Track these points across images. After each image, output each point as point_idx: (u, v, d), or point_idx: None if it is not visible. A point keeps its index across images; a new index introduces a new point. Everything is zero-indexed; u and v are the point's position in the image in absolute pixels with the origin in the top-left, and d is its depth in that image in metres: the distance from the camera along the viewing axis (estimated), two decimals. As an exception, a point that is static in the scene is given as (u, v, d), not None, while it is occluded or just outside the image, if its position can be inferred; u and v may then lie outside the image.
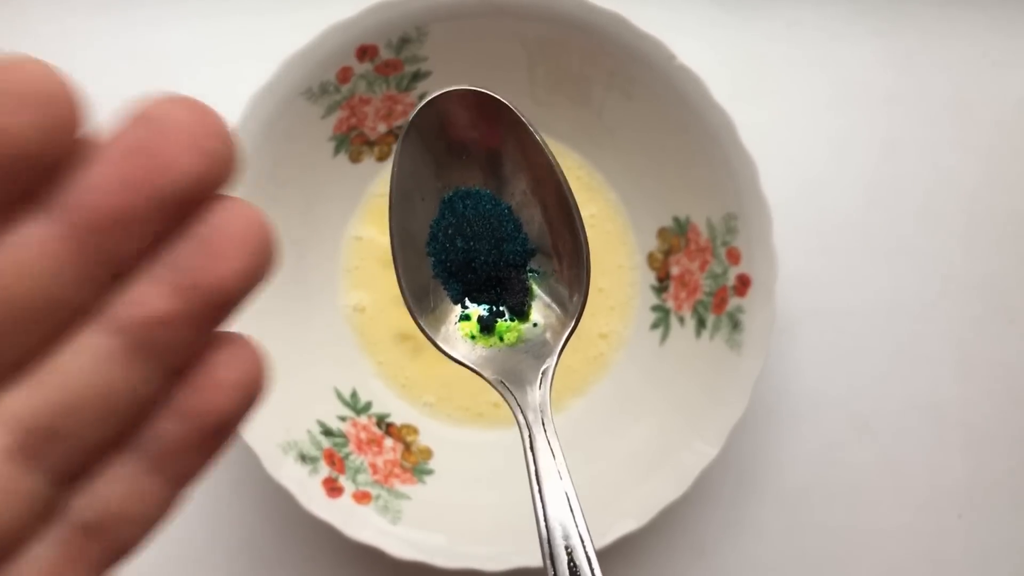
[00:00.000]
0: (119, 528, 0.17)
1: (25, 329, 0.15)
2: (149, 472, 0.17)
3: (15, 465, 0.15)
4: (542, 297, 0.20)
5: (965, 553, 0.42)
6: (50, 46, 0.43)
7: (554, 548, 0.17)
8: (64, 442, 0.16)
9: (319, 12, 0.37)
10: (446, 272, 0.20)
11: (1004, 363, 0.43)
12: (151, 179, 0.14)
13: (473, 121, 0.19)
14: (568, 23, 0.37)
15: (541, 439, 0.18)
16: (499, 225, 0.19)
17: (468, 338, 0.20)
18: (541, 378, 0.19)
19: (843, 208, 0.44)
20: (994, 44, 0.45)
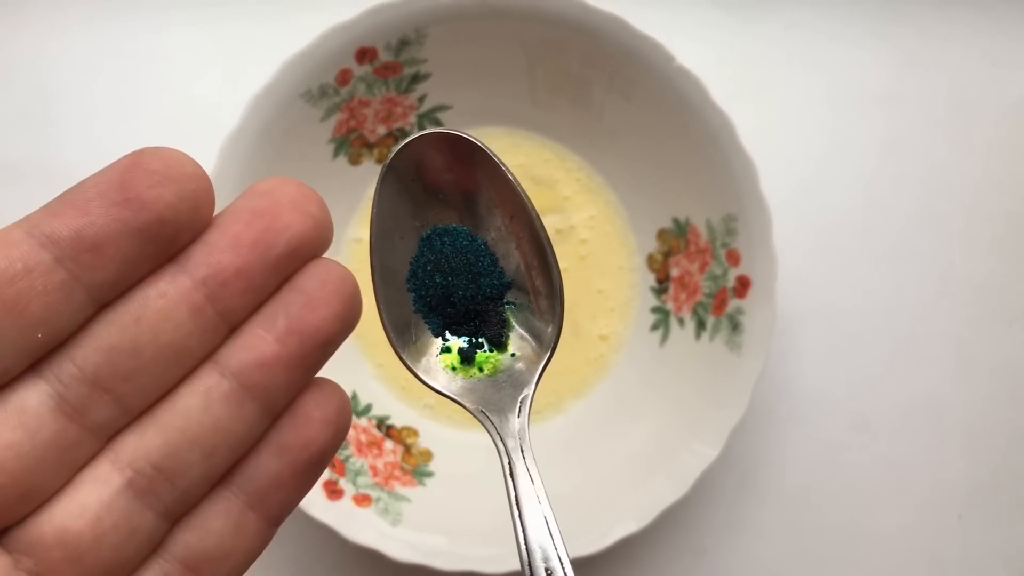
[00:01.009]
0: (217, 564, 0.18)
1: (151, 376, 0.17)
2: (248, 508, 0.18)
3: (131, 502, 0.17)
4: (519, 328, 0.21)
5: (965, 553, 0.42)
6: (51, 49, 0.43)
7: (535, 570, 0.18)
8: (175, 480, 0.17)
9: (319, 15, 0.37)
10: (426, 307, 0.20)
11: (1004, 363, 0.43)
12: (269, 240, 0.17)
13: (448, 162, 0.20)
14: (568, 25, 0.37)
15: (520, 465, 0.19)
16: (476, 260, 0.20)
17: (449, 369, 0.21)
18: (520, 406, 0.20)
19: (843, 209, 0.44)
20: (993, 45, 0.45)
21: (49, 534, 0.16)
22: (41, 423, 0.16)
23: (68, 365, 0.16)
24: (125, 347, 0.16)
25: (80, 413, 0.16)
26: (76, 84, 0.43)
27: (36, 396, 0.16)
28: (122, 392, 0.17)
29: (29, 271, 0.16)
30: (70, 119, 0.43)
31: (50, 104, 0.43)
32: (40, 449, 0.16)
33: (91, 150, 0.43)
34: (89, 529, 0.16)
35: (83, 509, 0.17)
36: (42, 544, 0.16)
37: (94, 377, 0.16)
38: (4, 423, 0.16)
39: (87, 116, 0.43)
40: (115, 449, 0.17)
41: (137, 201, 0.16)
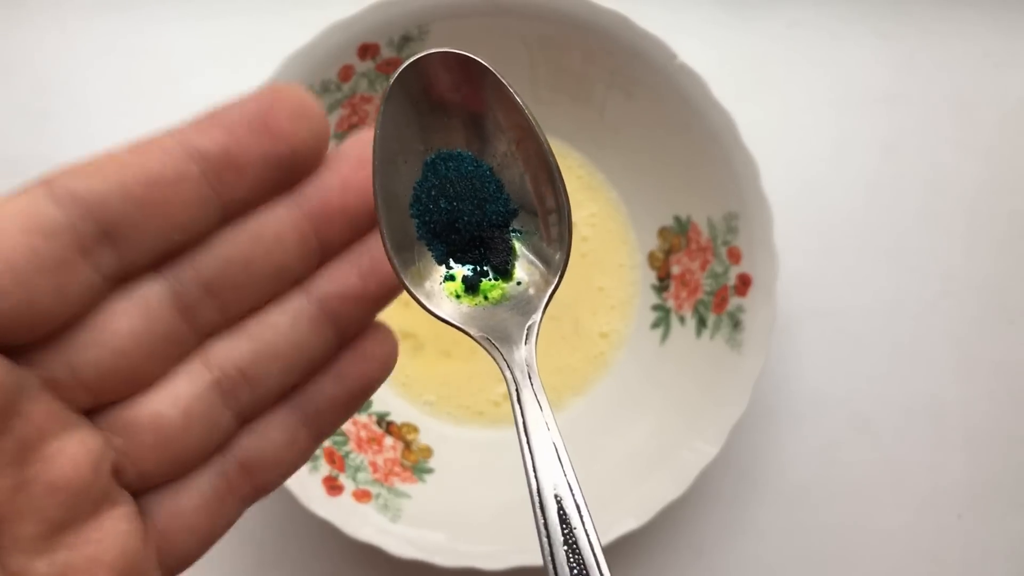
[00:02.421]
0: (269, 470, 0.20)
1: (255, 288, 0.19)
2: (302, 424, 0.20)
3: (216, 399, 0.19)
4: (525, 255, 0.20)
5: (965, 553, 0.42)
6: (51, 45, 0.43)
7: (543, 498, 0.18)
8: (254, 386, 0.19)
9: (321, 11, 0.37)
10: (430, 233, 0.20)
11: (1004, 363, 0.43)
12: (369, 186, 0.18)
13: (455, 84, 0.19)
14: (570, 22, 0.37)
15: (528, 392, 0.19)
16: (481, 186, 0.20)
17: (453, 297, 0.20)
18: (527, 334, 0.19)
19: (844, 208, 0.44)
20: (994, 45, 0.45)
21: (144, 417, 0.18)
22: (157, 315, 0.18)
23: (189, 268, 0.18)
24: (239, 259, 0.18)
25: (191, 312, 0.18)
26: (75, 79, 0.43)
27: (157, 290, 0.18)
28: (227, 299, 0.18)
29: (179, 180, 0.17)
30: (69, 114, 0.43)
31: (49, 99, 0.43)
32: (154, 339, 0.18)
33: (90, 146, 0.43)
34: (179, 417, 0.18)
35: (176, 399, 0.18)
36: (136, 426, 0.18)
37: (208, 282, 0.18)
38: (128, 311, 0.17)
39: (86, 111, 0.43)
40: (208, 350, 0.19)
41: (278, 131, 0.17)
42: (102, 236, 0.16)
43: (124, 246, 0.17)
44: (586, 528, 0.17)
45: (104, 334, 0.17)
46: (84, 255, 0.16)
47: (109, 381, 0.17)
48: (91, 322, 0.17)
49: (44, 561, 0.17)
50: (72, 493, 0.17)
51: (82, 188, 0.16)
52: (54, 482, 0.17)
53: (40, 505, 0.16)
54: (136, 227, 0.17)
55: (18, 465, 0.16)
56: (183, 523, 0.19)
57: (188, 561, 0.19)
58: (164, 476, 0.19)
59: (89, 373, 0.17)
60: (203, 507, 0.19)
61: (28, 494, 0.16)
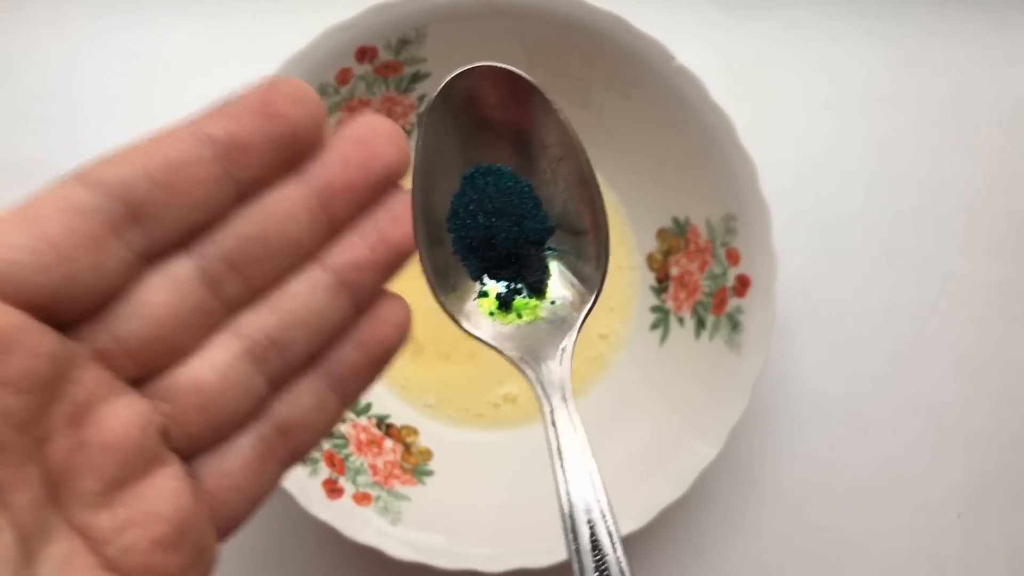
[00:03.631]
0: (303, 433, 0.21)
1: (273, 262, 0.20)
2: (330, 389, 0.21)
3: (248, 364, 0.20)
4: (560, 275, 0.20)
5: (965, 553, 0.42)
6: (49, 48, 0.43)
7: (576, 523, 0.18)
8: (282, 352, 0.20)
9: (318, 14, 0.37)
10: (466, 248, 0.20)
11: (1004, 363, 0.43)
12: (370, 163, 0.20)
13: (499, 98, 0.19)
14: (567, 24, 0.37)
15: (562, 413, 0.18)
16: (520, 202, 0.20)
17: (487, 314, 0.20)
18: (561, 354, 0.19)
19: (843, 208, 0.44)
20: (994, 45, 0.45)
21: (184, 383, 0.20)
22: (188, 289, 0.19)
23: (211, 246, 0.19)
24: (256, 235, 0.20)
25: (217, 285, 0.20)
26: (74, 82, 0.43)
27: (185, 267, 0.19)
28: (249, 273, 0.20)
29: (194, 162, 0.19)
30: (67, 118, 0.43)
31: (47, 103, 0.43)
32: (187, 311, 0.19)
33: (88, 149, 0.43)
34: (217, 381, 0.20)
35: (213, 365, 0.20)
36: (178, 391, 0.19)
37: (230, 257, 0.20)
38: (160, 286, 0.19)
39: (84, 115, 0.43)
40: (237, 321, 0.20)
41: (278, 115, 0.19)
42: (130, 216, 0.18)
43: (151, 225, 0.19)
44: (618, 556, 0.17)
45: (141, 307, 0.19)
46: (116, 234, 0.18)
47: (150, 350, 0.19)
48: (129, 296, 0.19)
49: (106, 515, 0.18)
50: (124, 452, 0.19)
51: (110, 174, 0.18)
52: (108, 442, 0.18)
53: (97, 463, 0.18)
54: (160, 207, 0.18)
55: (74, 427, 0.18)
56: (229, 483, 0.21)
57: (237, 521, 0.21)
58: (208, 439, 0.20)
59: (132, 343, 0.19)
60: (246, 468, 0.21)
61: (86, 453, 0.18)
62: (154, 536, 0.19)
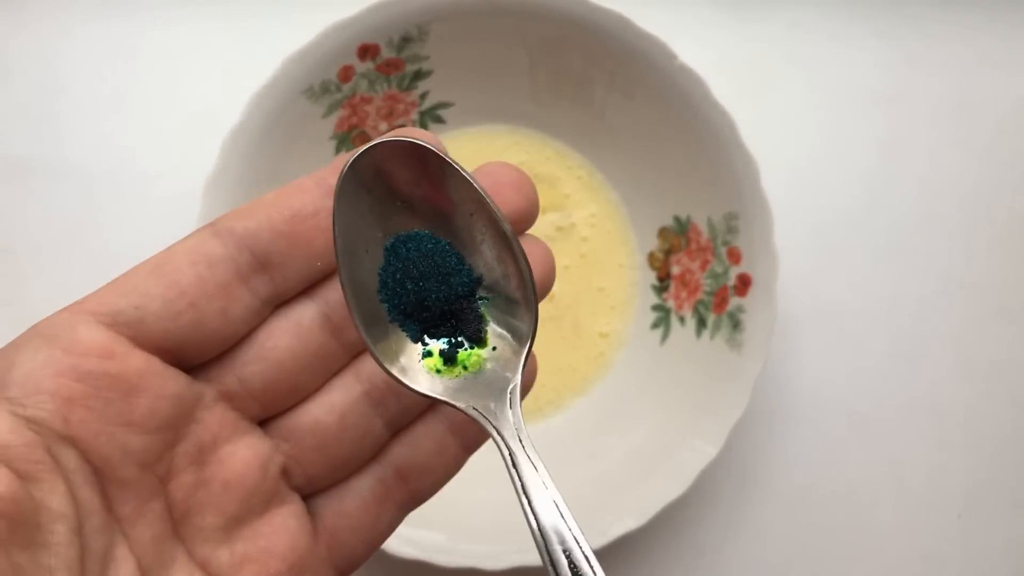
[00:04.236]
0: (422, 478, 0.22)
1: None
2: (450, 433, 0.22)
3: (367, 407, 0.21)
4: (497, 320, 0.21)
5: (965, 553, 0.42)
6: (53, 46, 0.43)
7: (552, 554, 0.18)
8: (401, 396, 0.21)
9: (321, 12, 0.37)
10: (401, 315, 0.21)
11: (1004, 363, 0.43)
12: None
13: (403, 169, 0.20)
14: (570, 23, 0.37)
15: (521, 455, 0.19)
16: (443, 261, 0.20)
17: (434, 372, 0.20)
18: (510, 397, 0.20)
19: (843, 207, 0.44)
20: (994, 45, 0.45)
21: (305, 424, 0.20)
22: (310, 334, 0.20)
23: (334, 292, 0.20)
24: None
25: (338, 331, 0.20)
26: (78, 80, 0.43)
27: (309, 313, 0.20)
28: None
29: (317, 213, 0.20)
30: (72, 115, 0.43)
31: (52, 100, 0.43)
32: (309, 355, 0.20)
33: (93, 146, 0.43)
34: (336, 423, 0.20)
35: (332, 408, 0.20)
36: (299, 432, 0.20)
37: None
38: (285, 331, 0.20)
39: (89, 112, 0.43)
40: (357, 366, 0.21)
41: None
42: (257, 265, 0.19)
43: (276, 273, 0.20)
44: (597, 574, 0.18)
45: (266, 350, 0.20)
46: (243, 281, 0.19)
47: (273, 392, 0.20)
48: (254, 340, 0.20)
49: (225, 550, 0.19)
50: (245, 490, 0.19)
51: (239, 226, 0.19)
52: (229, 480, 0.19)
53: (218, 500, 0.19)
54: (284, 256, 0.19)
55: (198, 465, 0.19)
56: (348, 524, 0.21)
57: (355, 562, 0.21)
58: (328, 479, 0.21)
59: (256, 385, 0.20)
60: (365, 510, 0.21)
61: (207, 490, 0.19)
62: (270, 573, 0.19)
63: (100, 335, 0.18)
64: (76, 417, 0.17)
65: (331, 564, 0.21)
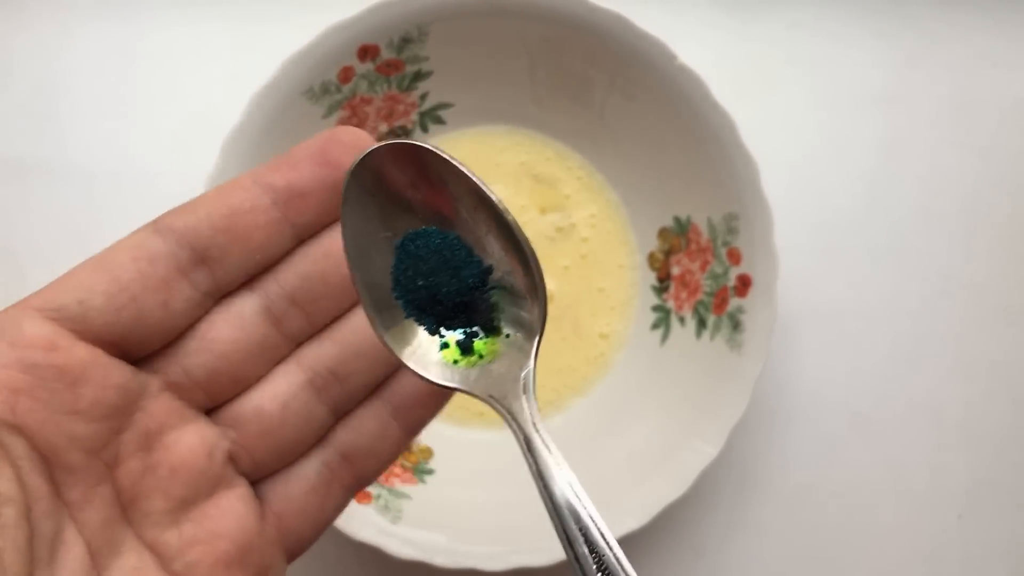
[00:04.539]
0: (367, 461, 0.23)
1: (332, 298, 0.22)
2: (393, 417, 0.22)
3: (309, 395, 0.21)
4: (509, 310, 0.21)
5: (965, 553, 0.42)
6: (53, 46, 0.43)
7: (570, 534, 0.19)
8: (343, 383, 0.22)
9: (321, 13, 0.37)
10: (417, 310, 0.21)
11: (1004, 363, 0.43)
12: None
13: (403, 171, 0.20)
14: (570, 23, 0.37)
15: (536, 439, 0.20)
16: (452, 255, 0.21)
17: (452, 363, 0.21)
18: (524, 384, 0.21)
19: (843, 208, 0.44)
20: (994, 45, 0.45)
21: (249, 411, 0.21)
22: (252, 325, 0.21)
23: (274, 284, 0.21)
24: (315, 274, 0.21)
25: (279, 321, 0.21)
26: (78, 81, 0.43)
27: (250, 304, 0.21)
28: (310, 309, 0.21)
29: (254, 209, 0.20)
30: (72, 116, 0.43)
31: (52, 101, 0.43)
32: (249, 344, 0.21)
33: (93, 147, 0.43)
34: (279, 410, 0.21)
35: (275, 395, 0.21)
36: (243, 419, 0.21)
37: (292, 295, 0.21)
38: (226, 322, 0.21)
39: (89, 113, 0.43)
40: (300, 354, 0.22)
41: (334, 163, 0.21)
42: (197, 259, 0.20)
43: (216, 267, 0.20)
44: (615, 554, 0.19)
45: (208, 342, 0.21)
46: (183, 276, 0.20)
47: (218, 381, 0.21)
48: (197, 332, 0.21)
49: (173, 533, 0.20)
50: (191, 475, 0.20)
51: (178, 223, 0.20)
52: (175, 465, 0.20)
53: (165, 485, 0.20)
54: (223, 250, 0.20)
55: (144, 451, 0.20)
56: (295, 507, 0.22)
57: (304, 543, 0.22)
58: (274, 464, 0.22)
59: (200, 375, 0.20)
60: (311, 492, 0.22)
61: (155, 475, 0.20)
62: (218, 554, 0.20)
63: (45, 329, 0.19)
64: (22, 407, 0.18)
65: (280, 545, 0.22)
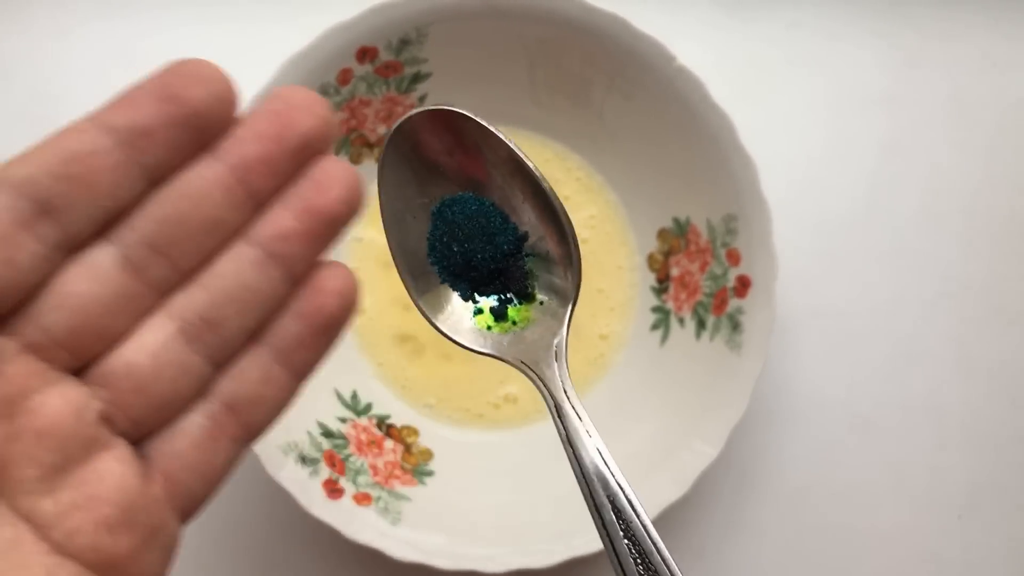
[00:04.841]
0: (254, 409, 0.22)
1: (195, 242, 0.20)
2: (276, 363, 0.21)
3: (181, 345, 0.20)
4: (543, 276, 0.21)
5: (965, 553, 0.42)
6: (51, 50, 0.43)
7: (597, 500, 0.19)
8: (217, 330, 0.21)
9: (320, 15, 0.37)
10: (452, 276, 0.21)
11: (1004, 363, 0.43)
12: (286, 134, 0.20)
13: (441, 137, 0.20)
14: (568, 25, 0.37)
15: (566, 405, 0.20)
16: (488, 222, 0.21)
17: (485, 329, 0.21)
18: (556, 351, 0.20)
19: (843, 209, 0.44)
20: (994, 45, 0.45)
21: (119, 368, 0.20)
22: (110, 276, 0.20)
23: (129, 232, 0.20)
24: (173, 218, 0.20)
25: (140, 271, 0.20)
26: (76, 84, 0.43)
27: (105, 255, 0.20)
28: (173, 255, 0.20)
29: (95, 152, 0.19)
30: (68, 119, 0.43)
31: (51, 104, 0.43)
32: (111, 297, 0.20)
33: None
34: (150, 363, 0.20)
35: (144, 348, 0.20)
36: (113, 376, 0.20)
37: (151, 242, 0.20)
38: (81, 276, 0.19)
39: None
40: (167, 304, 0.20)
41: (178, 97, 0.19)
42: (39, 211, 0.19)
43: (61, 217, 0.19)
44: (642, 521, 0.19)
45: (64, 297, 0.19)
46: (26, 229, 0.19)
47: (79, 339, 0.20)
48: (51, 289, 0.19)
49: (48, 500, 0.19)
50: (60, 438, 0.19)
51: (14, 174, 0.19)
52: (42, 429, 0.19)
53: (33, 451, 0.19)
54: (67, 199, 0.19)
55: (7, 418, 0.19)
56: (182, 463, 0.21)
57: (197, 501, 0.21)
58: (153, 421, 0.21)
59: (60, 333, 0.19)
60: (198, 447, 0.21)
61: (21, 442, 0.19)
62: (98, 518, 0.19)
63: None
64: None
65: (170, 504, 0.21)
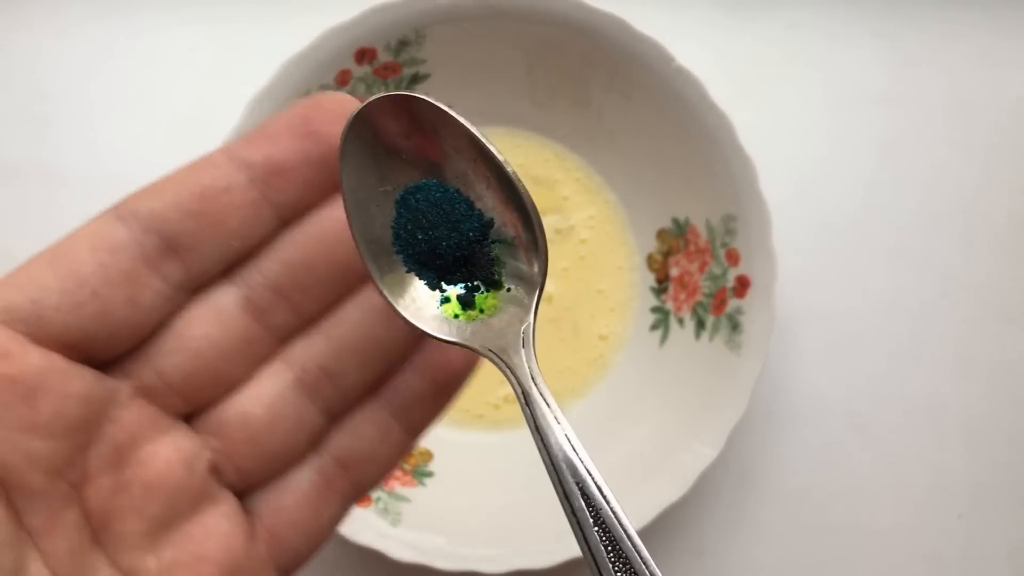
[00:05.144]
0: (365, 466, 0.20)
1: (321, 287, 0.19)
2: (393, 419, 0.20)
3: (298, 396, 0.19)
4: (509, 264, 0.21)
5: (965, 553, 0.42)
6: (50, 49, 0.43)
7: (566, 487, 0.19)
8: (336, 381, 0.20)
9: (318, 16, 0.37)
10: (417, 264, 0.21)
11: (1004, 363, 0.43)
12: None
13: (401, 123, 0.20)
14: (567, 25, 0.37)
15: (533, 392, 0.19)
16: (452, 209, 0.21)
17: (452, 318, 0.21)
18: (523, 338, 0.20)
19: (842, 209, 0.44)
20: (993, 45, 0.45)
21: (233, 417, 0.19)
22: (232, 320, 0.19)
23: (255, 273, 0.19)
24: (303, 261, 0.19)
25: (263, 315, 0.19)
26: (75, 84, 0.43)
27: (229, 297, 0.19)
28: (297, 300, 0.19)
29: (228, 189, 0.18)
30: (68, 119, 0.43)
31: (48, 104, 0.43)
32: (230, 342, 0.19)
33: (89, 151, 0.43)
34: (266, 415, 0.19)
35: (261, 398, 0.19)
36: (227, 426, 0.19)
37: (276, 285, 0.19)
38: (202, 318, 0.19)
39: (85, 116, 0.43)
40: (287, 351, 0.20)
41: (317, 135, 0.18)
42: (166, 249, 0.18)
43: (188, 256, 0.18)
44: (611, 507, 0.18)
45: (183, 340, 0.18)
46: (151, 267, 0.18)
47: (196, 384, 0.19)
48: (170, 330, 0.18)
49: (152, 557, 0.18)
50: (169, 491, 0.18)
51: (143, 207, 0.18)
52: (150, 481, 0.18)
53: (140, 504, 0.18)
54: (196, 237, 0.18)
55: (116, 467, 0.18)
56: (288, 520, 0.20)
57: (300, 559, 0.20)
58: (263, 474, 0.20)
59: (176, 377, 0.18)
60: (305, 503, 0.20)
61: (128, 494, 0.18)
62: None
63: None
64: None
65: (272, 564, 0.20)
